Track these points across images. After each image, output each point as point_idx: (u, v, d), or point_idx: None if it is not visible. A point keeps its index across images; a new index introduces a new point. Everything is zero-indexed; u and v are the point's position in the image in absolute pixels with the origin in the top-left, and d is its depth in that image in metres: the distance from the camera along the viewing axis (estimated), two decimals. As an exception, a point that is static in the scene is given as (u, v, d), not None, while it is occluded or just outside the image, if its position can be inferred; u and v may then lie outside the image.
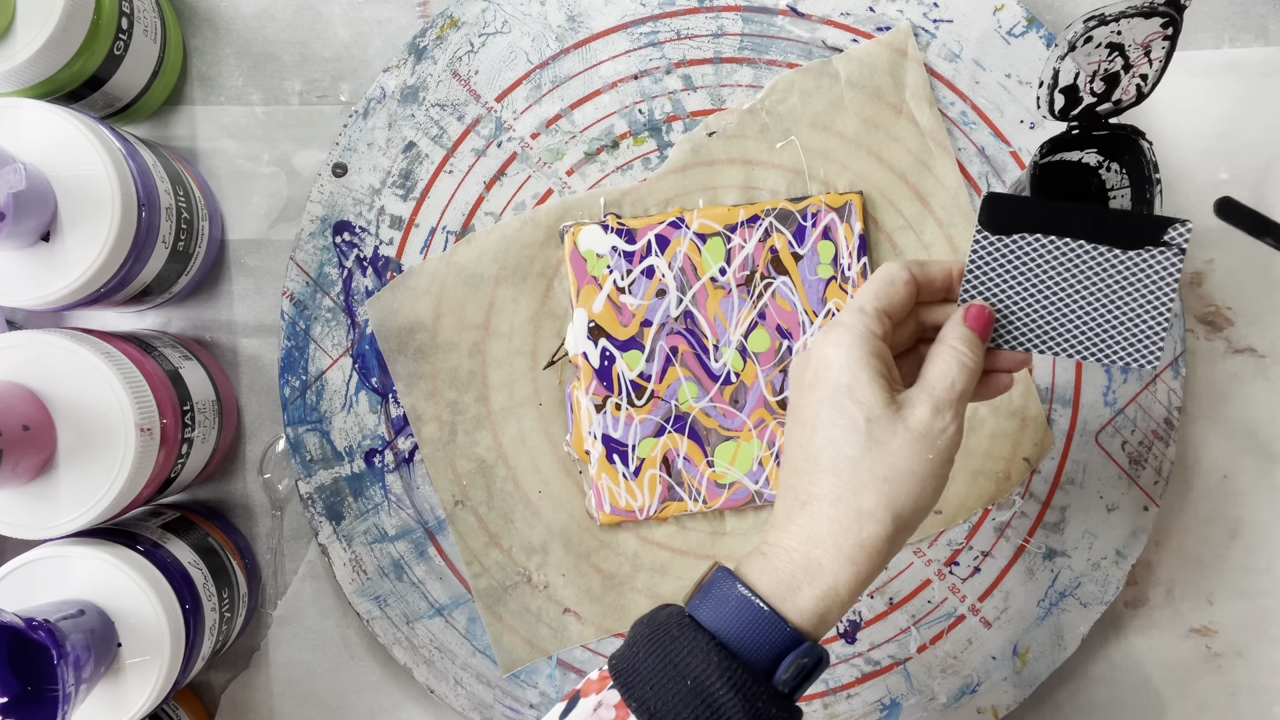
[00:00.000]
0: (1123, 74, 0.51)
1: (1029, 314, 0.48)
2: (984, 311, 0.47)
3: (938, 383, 0.45)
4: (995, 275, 0.48)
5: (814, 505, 0.44)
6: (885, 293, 0.46)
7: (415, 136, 0.61)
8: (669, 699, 0.41)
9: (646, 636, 0.43)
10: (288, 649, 0.63)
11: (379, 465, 0.61)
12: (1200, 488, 0.64)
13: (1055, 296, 0.48)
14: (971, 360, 0.45)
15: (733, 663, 0.41)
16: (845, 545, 0.43)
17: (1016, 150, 0.62)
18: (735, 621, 0.42)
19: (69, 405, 0.49)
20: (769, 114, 0.61)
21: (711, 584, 0.44)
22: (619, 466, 0.60)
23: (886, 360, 0.45)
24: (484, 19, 0.61)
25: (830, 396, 0.44)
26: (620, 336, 0.60)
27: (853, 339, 0.45)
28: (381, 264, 0.61)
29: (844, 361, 0.44)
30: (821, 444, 0.44)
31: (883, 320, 0.46)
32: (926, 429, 0.44)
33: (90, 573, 0.51)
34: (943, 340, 0.46)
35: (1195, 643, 0.65)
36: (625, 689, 0.42)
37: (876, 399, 0.44)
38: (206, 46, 0.63)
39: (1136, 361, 0.48)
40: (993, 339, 0.48)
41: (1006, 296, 0.48)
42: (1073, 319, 0.48)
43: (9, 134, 0.49)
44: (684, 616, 0.43)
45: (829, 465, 0.44)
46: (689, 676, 0.41)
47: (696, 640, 0.42)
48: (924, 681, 0.62)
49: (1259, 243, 0.52)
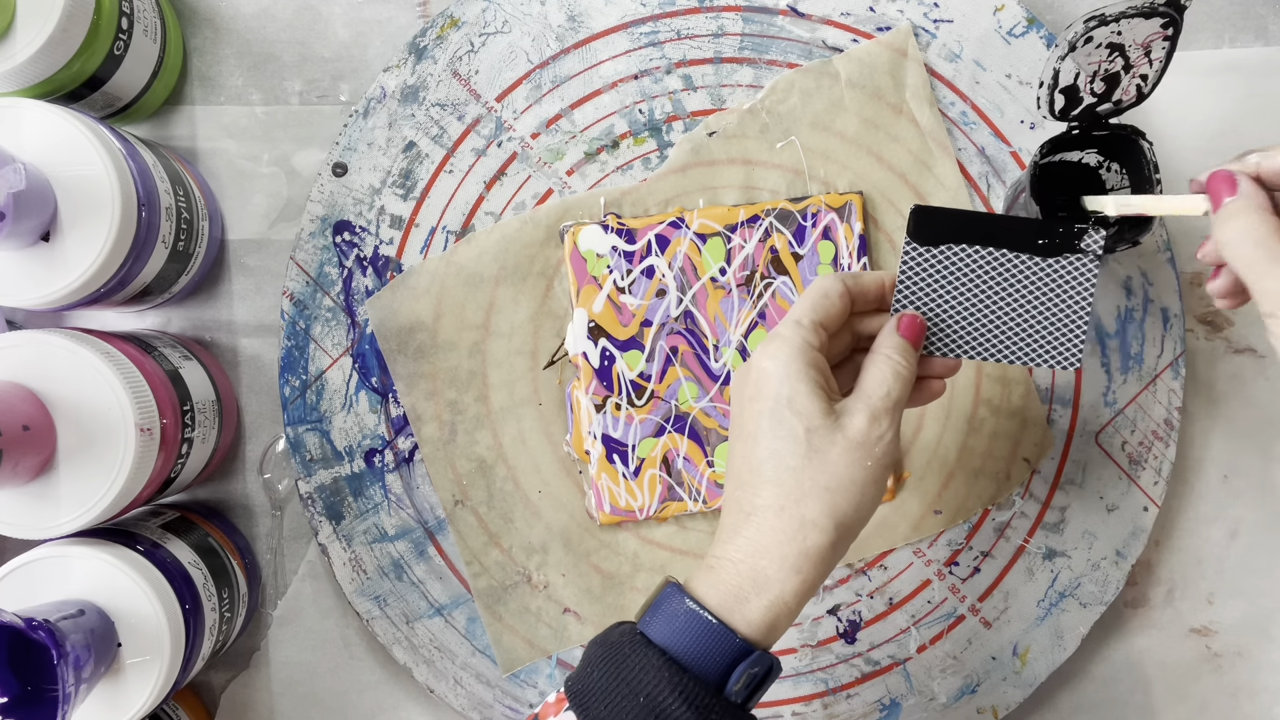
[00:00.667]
0: (1123, 74, 0.51)
1: (958, 321, 0.50)
2: (915, 320, 0.48)
3: (874, 391, 0.46)
4: (925, 285, 0.49)
5: (758, 516, 0.45)
6: (821, 305, 0.48)
7: (415, 136, 0.61)
8: (623, 717, 0.42)
9: (600, 656, 0.44)
10: (288, 649, 0.63)
11: (379, 465, 0.61)
12: (1200, 488, 0.64)
13: (982, 303, 0.50)
14: (905, 368, 0.47)
15: (684, 677, 0.42)
16: (790, 554, 0.44)
17: (1016, 150, 0.62)
18: (685, 636, 0.43)
19: (69, 405, 0.49)
20: (769, 114, 0.61)
21: (661, 600, 0.45)
22: (619, 466, 0.60)
23: (824, 371, 0.47)
24: (484, 19, 0.61)
25: (771, 409, 0.45)
26: (620, 336, 0.60)
27: (790, 351, 0.46)
28: (381, 264, 0.61)
29: (783, 373, 0.45)
30: (764, 455, 0.45)
31: (819, 332, 0.47)
32: (864, 437, 0.45)
33: (90, 573, 0.51)
34: (877, 349, 0.47)
35: (1195, 643, 0.65)
36: (580, 709, 0.43)
37: (815, 409, 0.45)
38: (206, 46, 0.63)
39: (1058, 364, 0.50)
40: (925, 346, 0.50)
41: (937, 305, 0.50)
42: (999, 325, 0.50)
43: (9, 134, 0.49)
44: (635, 634, 0.44)
45: (771, 476, 0.45)
46: (641, 694, 0.42)
47: (648, 657, 0.42)
48: (924, 681, 0.62)
49: None
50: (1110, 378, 0.62)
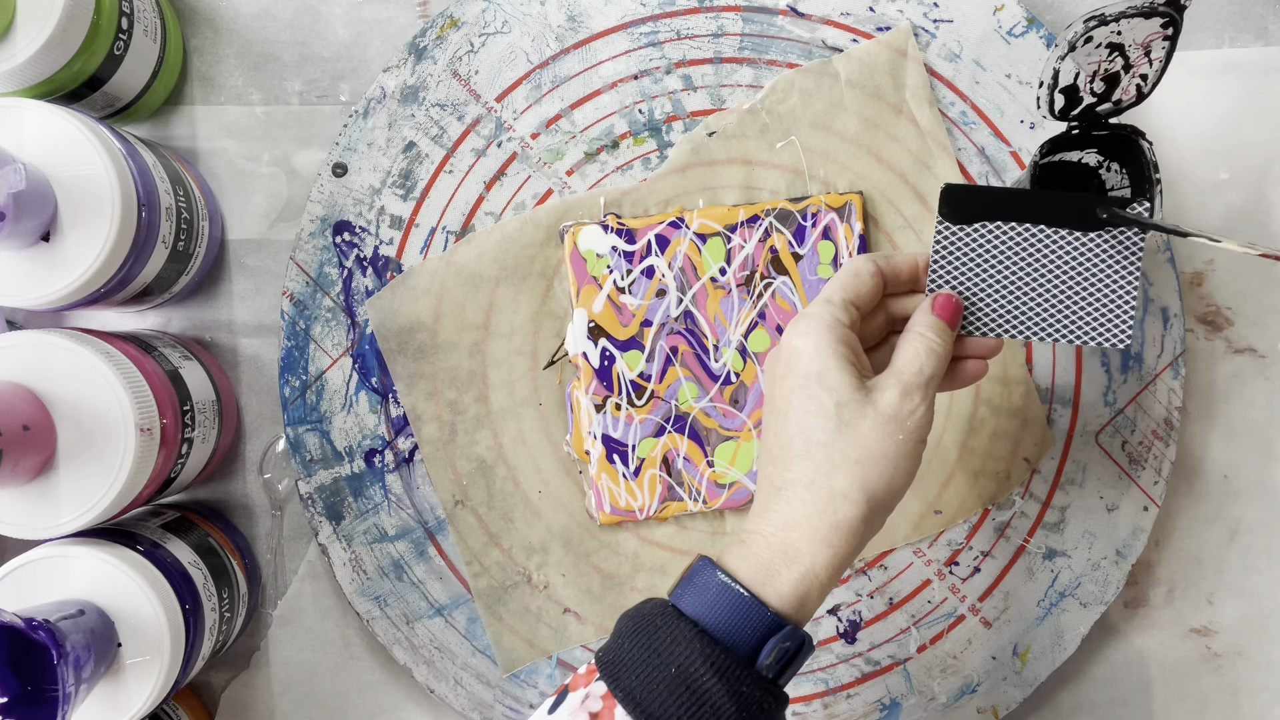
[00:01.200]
0: (1123, 74, 0.51)
1: (997, 300, 0.49)
2: (951, 300, 0.49)
3: (906, 367, 0.46)
4: (960, 264, 0.49)
5: (789, 490, 0.45)
6: (851, 284, 0.48)
7: (415, 136, 0.61)
8: (654, 687, 0.42)
9: (631, 628, 0.44)
10: (288, 649, 0.63)
11: (379, 465, 0.61)
12: (1200, 488, 0.64)
13: (1021, 281, 0.49)
14: (939, 346, 0.47)
15: (715, 649, 0.42)
16: (821, 527, 0.44)
17: (1016, 150, 0.62)
18: (717, 608, 0.43)
19: (69, 405, 0.49)
20: (769, 114, 0.61)
21: (693, 574, 0.45)
22: (619, 466, 0.60)
23: (854, 348, 0.47)
24: (484, 19, 0.61)
25: (801, 384, 0.46)
26: (620, 336, 0.60)
27: (820, 328, 0.46)
28: (381, 264, 0.61)
29: (813, 350, 0.46)
30: (794, 430, 0.45)
31: (849, 310, 0.47)
32: (895, 411, 0.45)
33: (90, 573, 0.51)
34: (911, 328, 0.48)
35: (1195, 643, 0.65)
36: (611, 680, 0.43)
37: (845, 384, 0.45)
38: (206, 46, 0.63)
39: (1109, 341, 0.49)
40: (963, 326, 0.49)
41: (973, 284, 0.49)
42: (1040, 302, 0.49)
43: (9, 134, 0.49)
44: (667, 606, 0.44)
45: (802, 450, 0.45)
46: (673, 664, 0.42)
47: (679, 628, 0.42)
48: (924, 681, 0.62)
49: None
50: (1110, 377, 0.62)
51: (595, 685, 0.43)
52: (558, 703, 0.44)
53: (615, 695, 0.42)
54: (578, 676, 0.44)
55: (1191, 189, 0.64)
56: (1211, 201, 0.64)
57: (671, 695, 0.41)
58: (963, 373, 0.50)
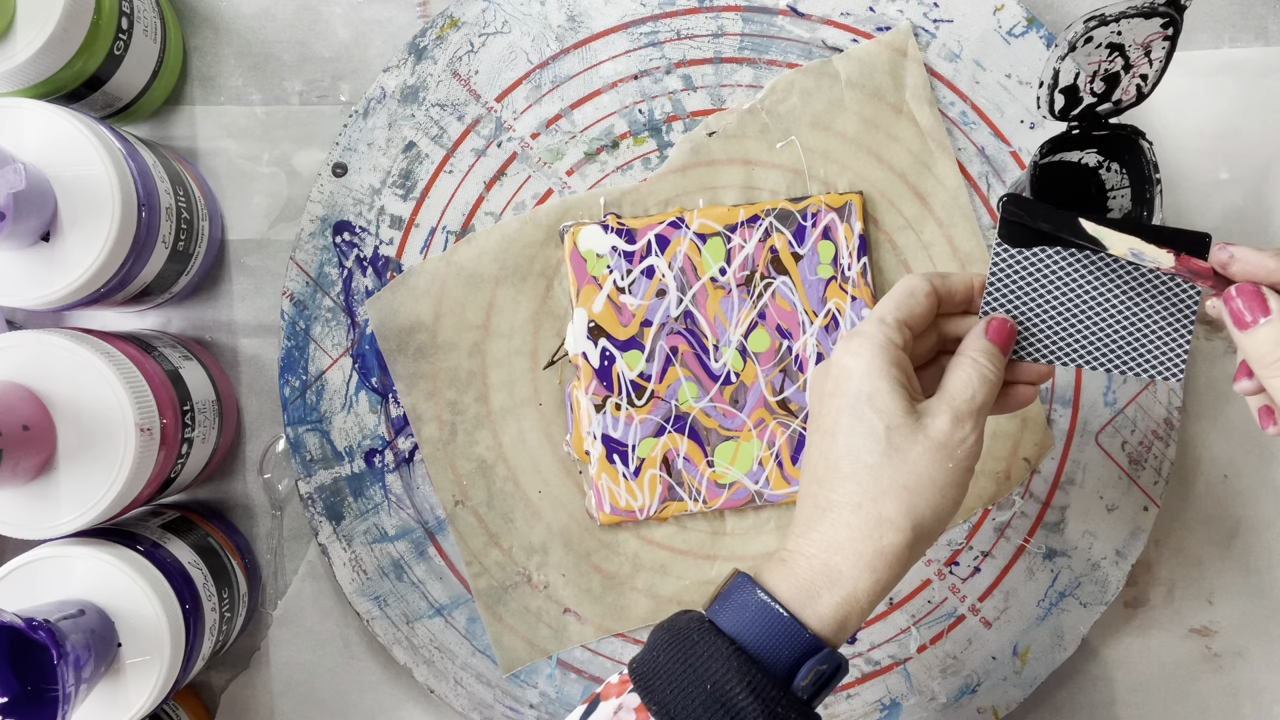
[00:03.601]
0: (1123, 74, 0.51)
1: (1051, 327, 0.48)
2: (1005, 325, 0.47)
3: (958, 394, 0.45)
4: (1017, 288, 0.48)
5: (834, 512, 0.44)
6: (906, 304, 0.47)
7: (415, 136, 0.61)
8: (688, 703, 0.41)
9: (666, 641, 0.43)
10: (288, 649, 0.63)
11: (379, 465, 0.61)
12: (1200, 488, 0.64)
13: (1077, 309, 0.48)
14: (992, 373, 0.46)
15: (752, 668, 0.41)
16: (865, 552, 0.43)
17: (1016, 150, 0.62)
18: (755, 627, 0.43)
19: (69, 405, 0.49)
20: (769, 114, 0.61)
21: (731, 590, 0.44)
22: (619, 466, 0.60)
23: (906, 370, 0.46)
24: (484, 19, 0.61)
25: (851, 405, 0.45)
26: (620, 336, 0.60)
27: (873, 349, 0.45)
28: (381, 264, 0.61)
29: (864, 371, 0.45)
30: (842, 451, 0.44)
31: (903, 331, 0.46)
32: (947, 438, 0.44)
33: (90, 573, 0.51)
34: (963, 352, 0.47)
35: (1195, 643, 0.65)
36: (645, 692, 0.42)
37: (897, 407, 0.44)
38: (206, 46, 0.63)
39: (1160, 375, 0.48)
40: (1015, 351, 0.48)
41: (1029, 309, 0.48)
42: (1094, 331, 0.48)
43: (9, 134, 0.49)
44: (704, 621, 0.43)
45: (849, 472, 0.44)
46: (709, 680, 0.41)
47: (716, 645, 0.42)
48: (924, 681, 0.62)
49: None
50: (1110, 377, 0.62)
51: (629, 697, 0.43)
52: (589, 711, 0.43)
53: (649, 708, 0.42)
54: (610, 686, 0.44)
55: (1191, 189, 0.64)
56: (1211, 201, 0.64)
57: (705, 712, 0.41)
58: (1012, 398, 0.49)
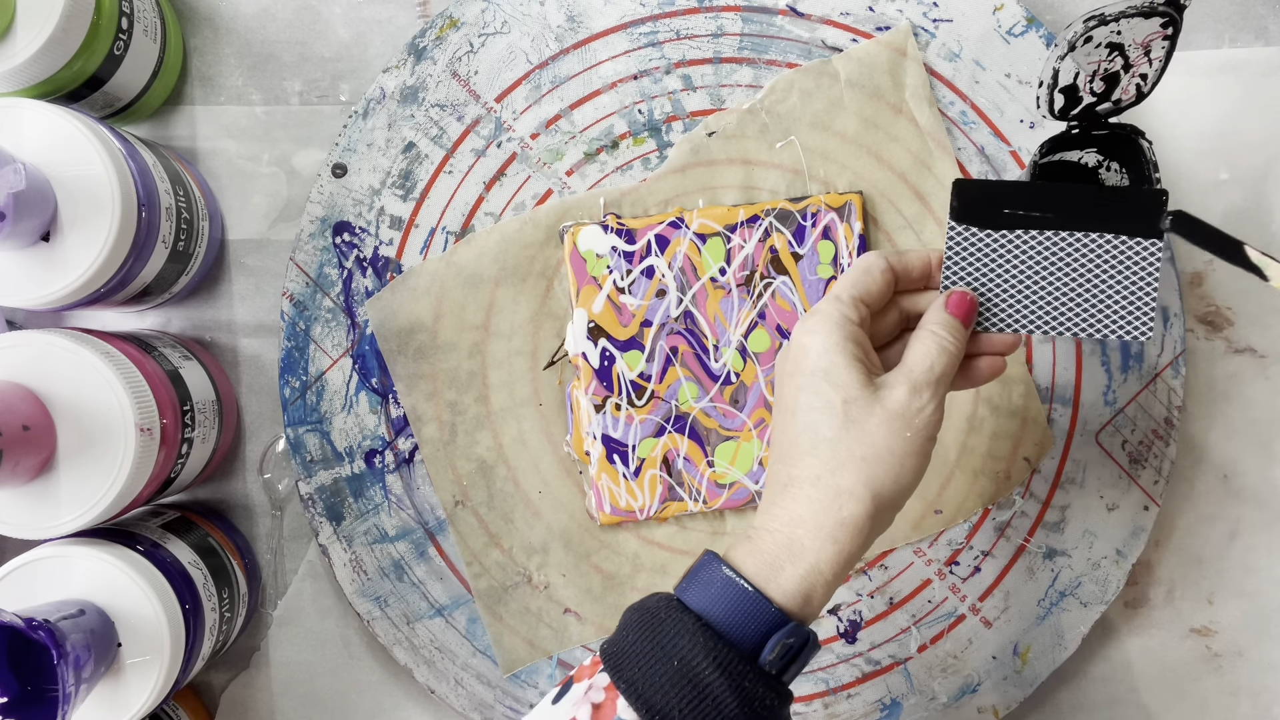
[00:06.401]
0: (1123, 74, 0.51)
1: (1013, 296, 0.48)
2: (965, 297, 0.48)
3: (916, 365, 0.46)
4: (975, 261, 0.48)
5: (795, 487, 0.45)
6: (862, 281, 0.48)
7: (415, 137, 0.61)
8: (657, 679, 0.42)
9: (636, 621, 0.44)
10: (288, 649, 0.63)
11: (379, 466, 0.61)
12: (1200, 488, 0.64)
13: (1038, 277, 0.48)
14: (951, 344, 0.47)
15: (718, 643, 0.42)
16: (826, 524, 0.44)
17: (1016, 150, 0.62)
18: (721, 603, 0.43)
19: (69, 405, 0.49)
20: (769, 114, 0.61)
21: (698, 568, 0.45)
22: (619, 466, 0.60)
23: (864, 345, 0.47)
24: (484, 19, 0.61)
25: (809, 381, 0.46)
26: (620, 336, 0.60)
27: (829, 326, 0.46)
28: (381, 264, 0.61)
29: (821, 347, 0.46)
30: (801, 427, 0.45)
31: (859, 307, 0.47)
32: (904, 408, 0.45)
33: (90, 573, 0.51)
34: (923, 326, 0.48)
35: (1195, 643, 0.65)
36: (615, 671, 0.43)
37: (853, 381, 0.45)
38: (206, 46, 0.63)
39: (1128, 334, 0.48)
40: (978, 322, 0.49)
41: (989, 280, 0.48)
42: (1058, 298, 0.48)
43: (9, 134, 0.49)
44: (672, 600, 0.44)
45: (808, 447, 0.45)
46: (676, 657, 0.42)
47: (683, 622, 0.43)
48: (924, 681, 0.62)
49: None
50: (1110, 377, 0.62)
51: (599, 677, 0.43)
52: (561, 693, 0.44)
53: (618, 687, 0.42)
54: (582, 668, 0.44)
55: (1191, 189, 0.64)
56: (1211, 201, 0.64)
57: (674, 688, 0.41)
58: (978, 370, 0.50)
